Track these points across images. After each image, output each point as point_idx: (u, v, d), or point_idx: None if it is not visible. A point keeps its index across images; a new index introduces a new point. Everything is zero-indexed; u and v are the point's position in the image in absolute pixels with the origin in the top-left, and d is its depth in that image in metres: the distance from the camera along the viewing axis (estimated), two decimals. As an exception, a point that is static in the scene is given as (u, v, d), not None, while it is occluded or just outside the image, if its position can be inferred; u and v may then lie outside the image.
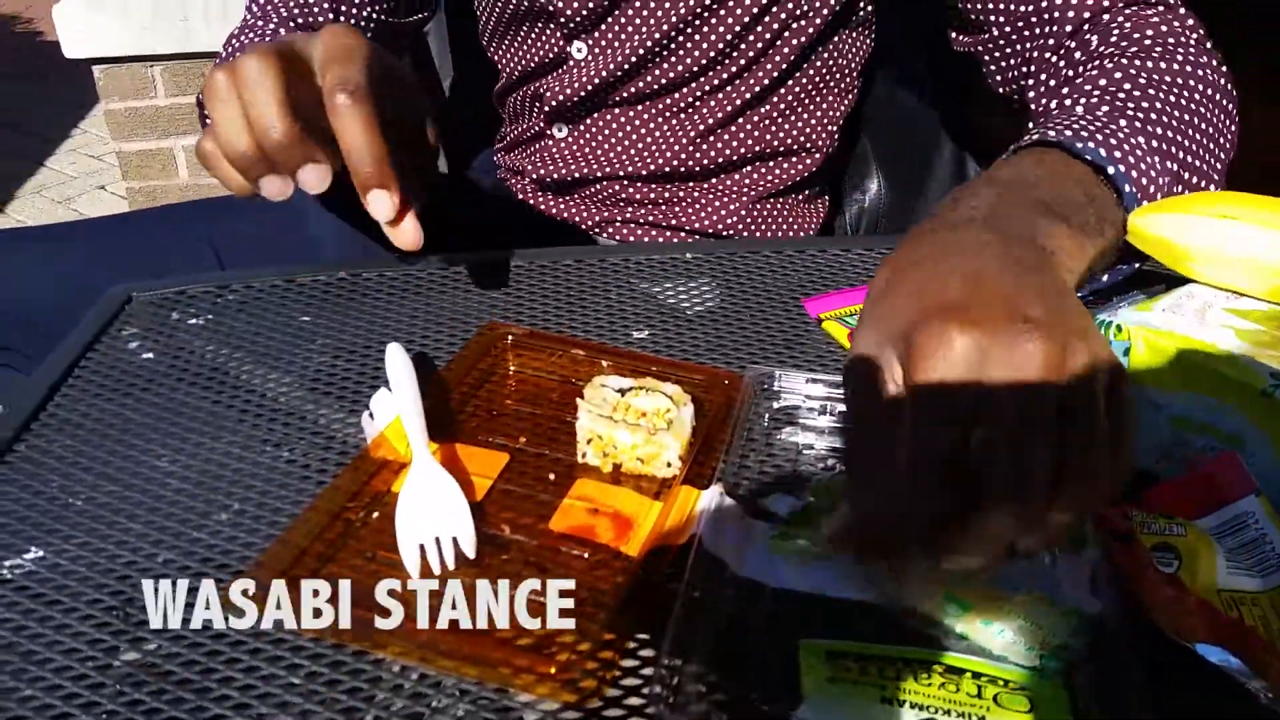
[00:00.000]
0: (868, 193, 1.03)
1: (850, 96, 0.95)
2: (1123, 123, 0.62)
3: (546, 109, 0.91)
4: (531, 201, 0.97)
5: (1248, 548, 0.46)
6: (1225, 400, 0.50)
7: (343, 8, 0.86)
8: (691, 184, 0.92)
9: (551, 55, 0.89)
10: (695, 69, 0.85)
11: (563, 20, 0.86)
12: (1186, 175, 0.64)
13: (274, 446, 0.57)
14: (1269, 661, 0.40)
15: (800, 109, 0.91)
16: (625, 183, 0.92)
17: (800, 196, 0.97)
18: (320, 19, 0.85)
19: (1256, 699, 0.40)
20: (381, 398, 0.56)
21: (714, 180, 0.93)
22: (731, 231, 0.93)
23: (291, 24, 0.85)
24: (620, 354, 0.62)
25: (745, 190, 0.93)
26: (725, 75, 0.86)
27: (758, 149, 0.91)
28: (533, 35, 0.90)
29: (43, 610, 0.47)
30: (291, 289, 0.72)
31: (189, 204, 0.98)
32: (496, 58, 0.96)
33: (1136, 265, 0.62)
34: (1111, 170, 0.59)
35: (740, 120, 0.90)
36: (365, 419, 0.57)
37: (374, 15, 0.88)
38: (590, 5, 0.84)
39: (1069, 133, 0.61)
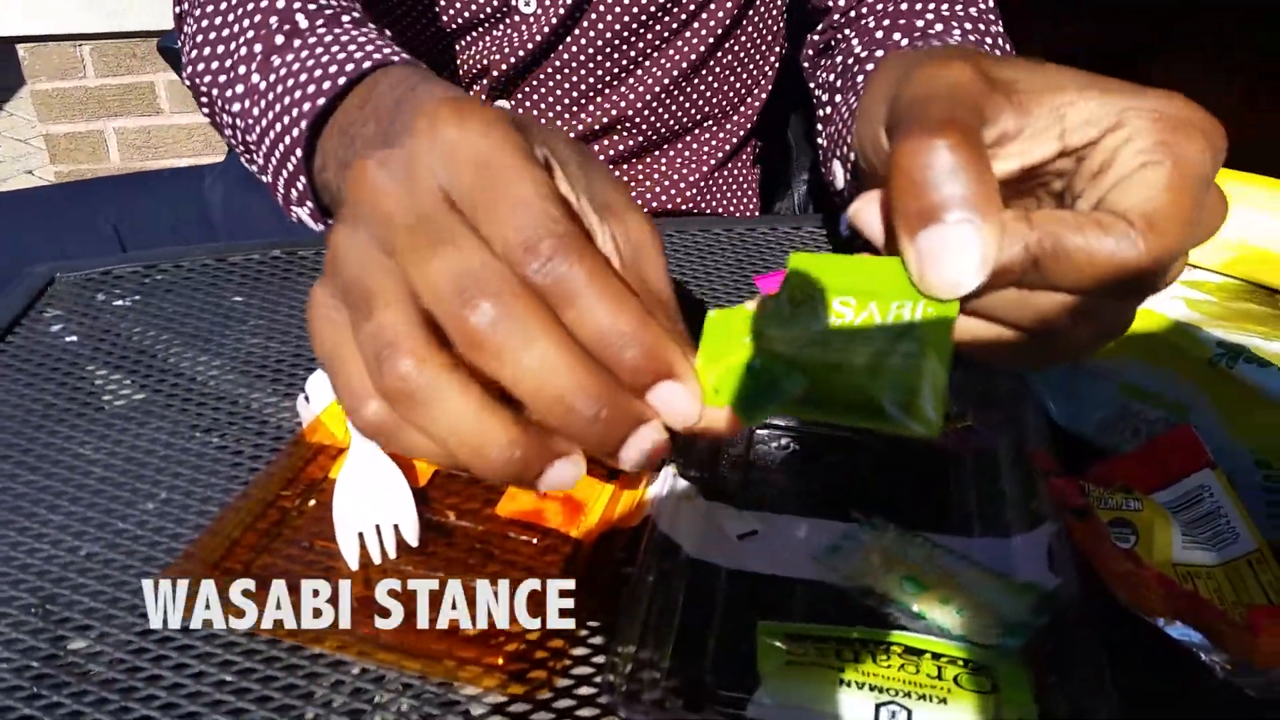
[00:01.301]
0: (815, 171, 1.02)
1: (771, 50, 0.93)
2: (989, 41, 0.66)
3: (487, 79, 0.87)
4: None
5: (1203, 521, 0.46)
6: (1173, 369, 0.50)
7: None
8: (643, 154, 0.90)
9: (489, 10, 0.80)
10: (643, 16, 0.81)
11: None
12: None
13: (204, 432, 0.54)
14: (1227, 634, 0.39)
15: (749, 61, 0.89)
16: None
17: (749, 160, 0.95)
18: None
19: (1215, 672, 0.40)
20: (318, 380, 0.54)
21: (666, 148, 0.91)
22: (688, 205, 0.92)
23: None
24: (567, 333, 0.60)
25: (698, 159, 0.91)
26: (673, 26, 0.83)
27: (708, 109, 0.89)
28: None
29: (-45, 609, 0.44)
30: (223, 268, 0.69)
31: (86, 182, 0.94)
32: (425, 23, 0.90)
33: None
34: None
35: (692, 79, 0.87)
36: (300, 402, 0.54)
37: None
38: None
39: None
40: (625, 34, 0.82)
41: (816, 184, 1.02)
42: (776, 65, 0.93)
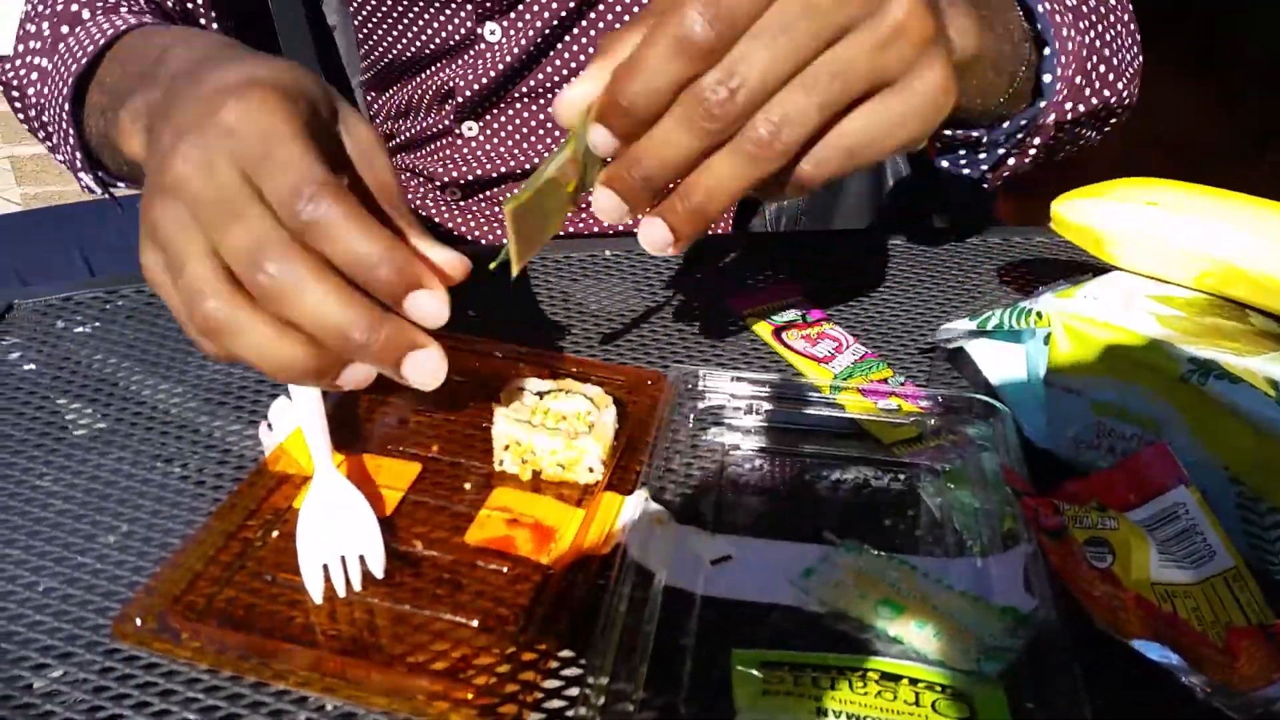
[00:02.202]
0: None
1: None
2: None
3: (455, 102, 0.86)
4: (435, 205, 0.92)
5: (1180, 539, 0.45)
6: (1145, 386, 0.50)
7: None
8: None
9: (458, 38, 0.83)
10: None
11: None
12: (1092, 53, 0.62)
13: (165, 462, 0.53)
14: (1206, 655, 0.39)
15: None
16: None
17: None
18: None
19: (1194, 694, 0.39)
20: (280, 407, 0.53)
21: None
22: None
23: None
24: (538, 356, 0.59)
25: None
26: None
27: None
28: (440, 16, 0.84)
29: (-95, 649, 0.42)
30: (187, 294, 0.67)
31: (55, 209, 0.93)
32: (390, 41, 0.89)
33: (1042, 107, 0.61)
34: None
35: None
36: (263, 430, 0.53)
37: None
38: None
39: None
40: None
41: (788, 201, 1.02)
42: None
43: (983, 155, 0.62)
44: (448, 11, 0.81)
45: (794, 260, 0.74)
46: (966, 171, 0.64)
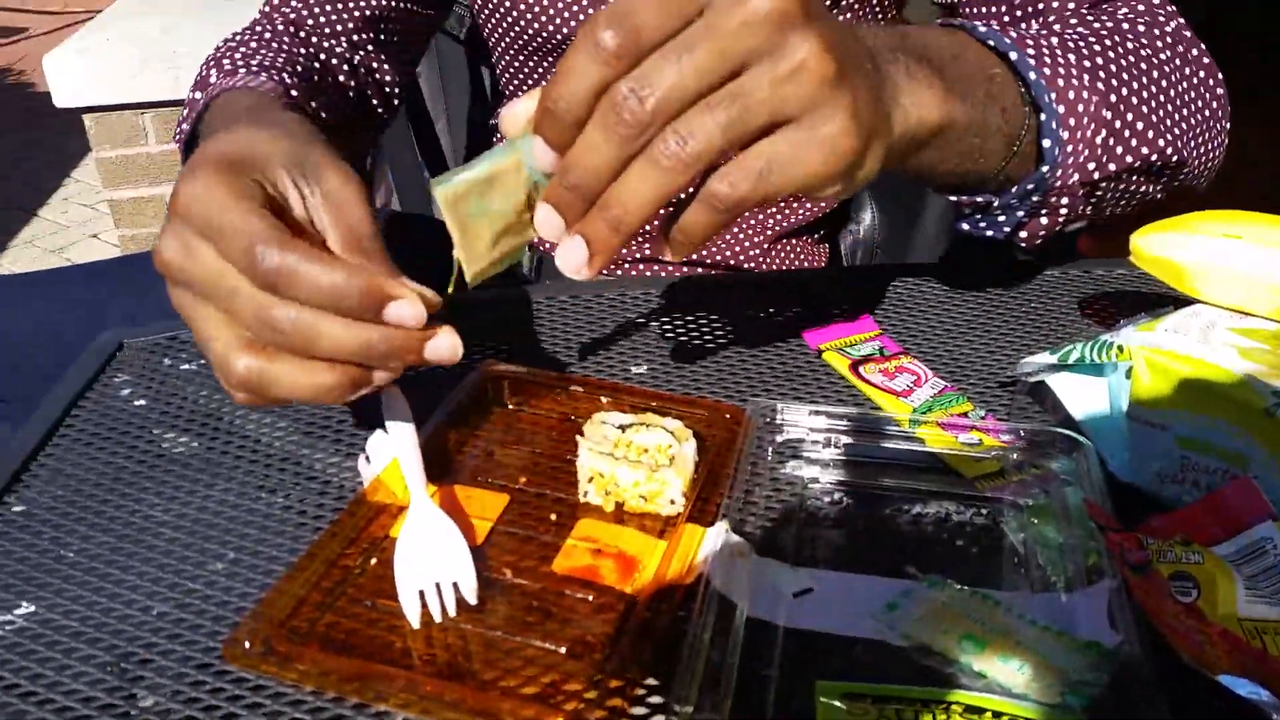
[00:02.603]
0: (862, 224, 1.02)
1: None
2: (1054, 40, 0.61)
3: None
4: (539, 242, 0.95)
5: (1267, 574, 0.45)
6: (1228, 420, 0.50)
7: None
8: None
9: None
10: None
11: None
12: (1122, 109, 0.61)
13: (269, 493, 0.56)
14: (1296, 692, 0.39)
15: None
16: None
17: (815, 235, 0.96)
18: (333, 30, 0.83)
19: (1285, 731, 0.39)
20: (378, 440, 0.55)
21: (743, 218, 0.92)
22: (748, 266, 0.93)
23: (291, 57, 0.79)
24: (620, 389, 0.61)
25: (764, 228, 0.92)
26: None
27: None
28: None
29: (35, 668, 0.45)
30: (285, 332, 0.71)
31: None
32: (509, 91, 0.94)
33: (1044, 172, 0.60)
34: (1014, 56, 0.58)
35: None
36: (361, 462, 0.56)
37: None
38: None
39: (982, 27, 0.59)
40: None
41: (864, 234, 1.02)
42: None
43: (1001, 218, 0.63)
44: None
45: (870, 294, 0.75)
46: (990, 234, 0.64)
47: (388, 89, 0.88)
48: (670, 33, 0.41)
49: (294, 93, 0.70)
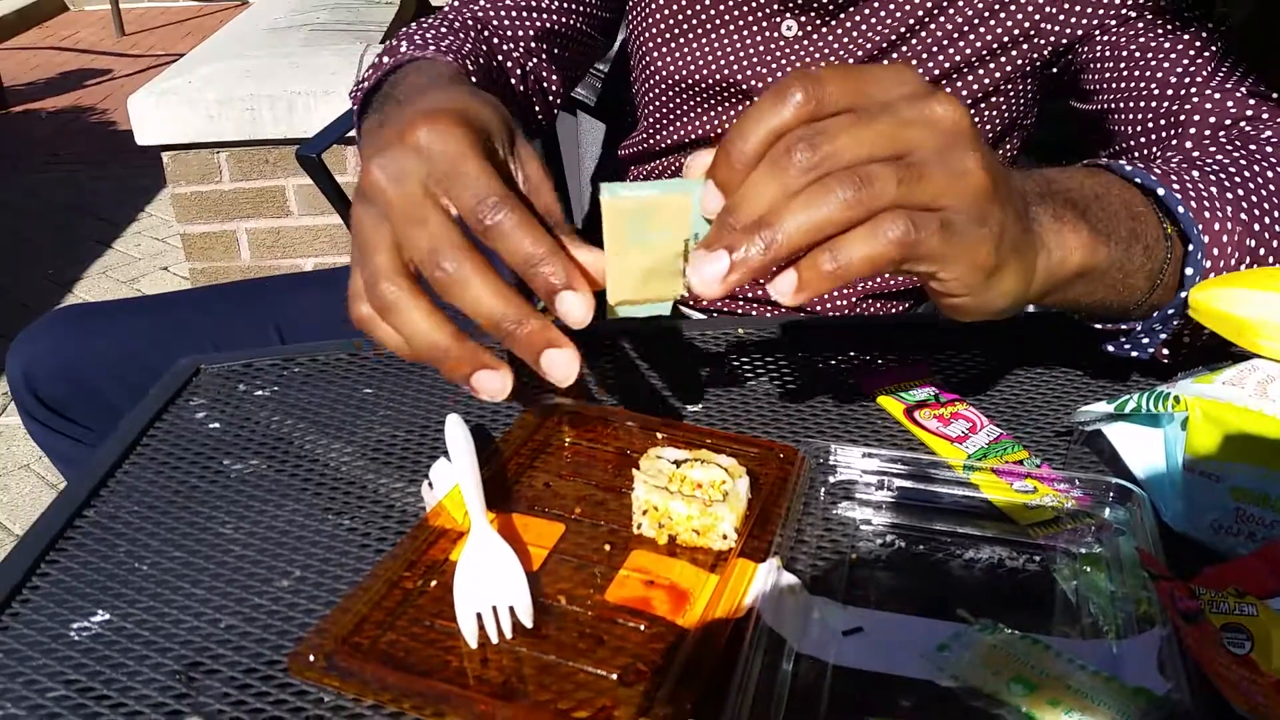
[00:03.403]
0: None
1: None
2: (1195, 174, 0.62)
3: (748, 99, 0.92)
4: None
5: (1324, 629, 0.45)
6: (1286, 475, 0.50)
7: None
8: None
9: (724, 130, 0.89)
10: None
11: (754, 99, 0.86)
12: (1266, 236, 0.62)
13: (335, 515, 0.58)
14: (1352, 747, 0.38)
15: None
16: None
17: (904, 303, 0.97)
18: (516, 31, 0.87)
19: (1340, 787, 0.39)
20: (441, 468, 0.57)
21: None
22: (836, 312, 0.94)
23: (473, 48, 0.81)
24: (675, 426, 0.62)
25: (855, 288, 0.94)
26: None
27: None
28: (710, 110, 0.90)
29: (108, 673, 0.47)
30: (355, 362, 0.73)
31: (251, 282, 1.01)
32: (654, 123, 0.96)
33: (1184, 298, 0.61)
34: (1161, 192, 0.60)
35: None
36: (425, 488, 0.57)
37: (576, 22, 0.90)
38: None
39: (1127, 165, 0.61)
40: None
41: None
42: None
43: (1144, 340, 0.64)
44: (715, 104, 0.89)
45: (927, 341, 0.75)
46: (1134, 355, 0.65)
47: (550, 98, 0.91)
48: (855, 109, 0.43)
49: (474, 79, 0.74)
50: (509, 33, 0.87)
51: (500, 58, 0.86)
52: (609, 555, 0.53)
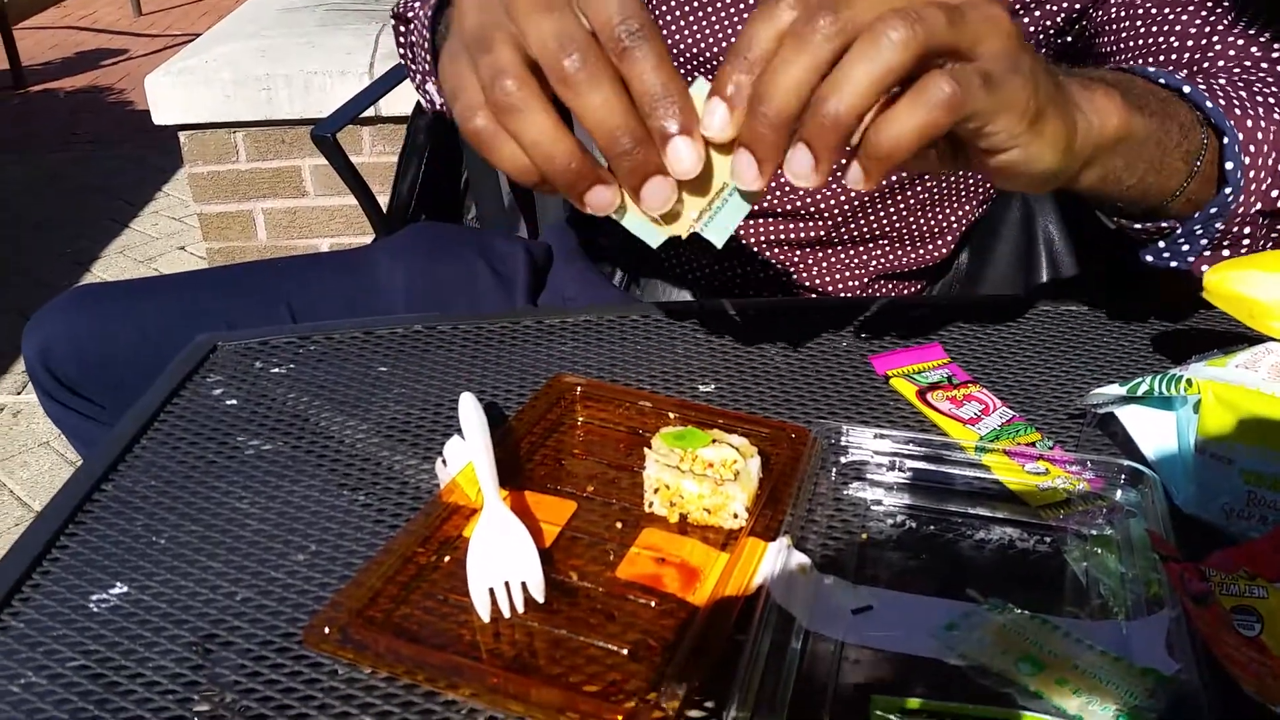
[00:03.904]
0: (958, 267, 1.03)
1: (985, 188, 0.95)
2: (1222, 80, 0.64)
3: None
4: (673, 254, 0.96)
5: (1334, 611, 0.45)
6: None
7: None
8: (829, 250, 0.93)
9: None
10: None
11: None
12: None
13: (350, 491, 0.58)
14: (1359, 728, 0.39)
15: (946, 198, 0.92)
16: (769, 248, 0.92)
17: (918, 283, 0.97)
18: None
19: (1347, 767, 0.39)
20: (454, 445, 0.58)
21: (848, 251, 0.93)
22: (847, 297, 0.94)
23: None
24: (687, 406, 0.63)
25: (867, 268, 0.94)
26: None
27: (897, 227, 0.92)
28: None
29: (126, 644, 0.48)
30: (370, 340, 0.74)
31: (265, 262, 1.01)
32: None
33: (1227, 194, 0.61)
34: (1188, 89, 0.60)
35: (891, 199, 0.90)
36: (438, 465, 0.58)
37: None
38: None
39: (1151, 69, 0.61)
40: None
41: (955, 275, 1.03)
42: (981, 196, 0.96)
43: (1185, 246, 0.64)
44: None
45: (940, 323, 0.75)
46: (1174, 264, 0.65)
47: None
48: None
49: None
50: None
51: None
52: (620, 533, 0.54)
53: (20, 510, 1.97)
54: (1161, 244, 0.65)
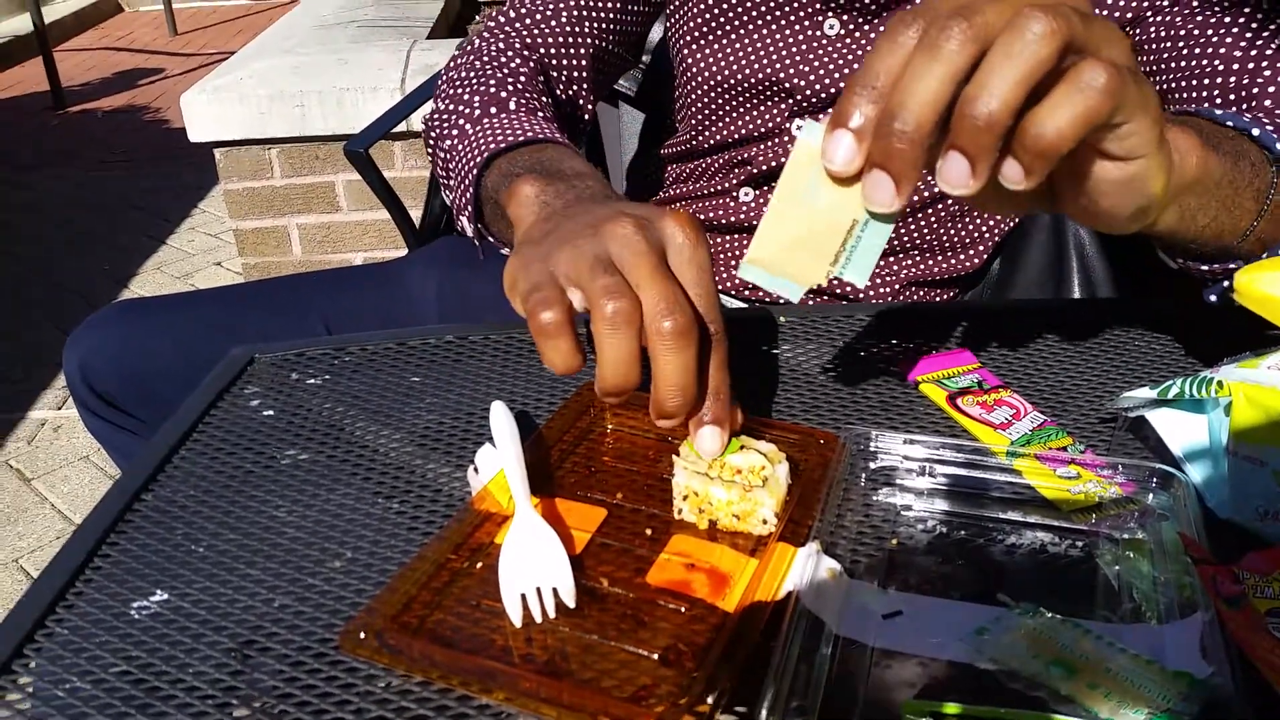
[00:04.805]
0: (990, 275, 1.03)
1: None
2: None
3: (744, 174, 0.93)
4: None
5: (1370, 614, 0.44)
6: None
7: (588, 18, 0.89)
8: None
9: (767, 129, 0.91)
10: None
11: (797, 98, 0.88)
12: None
13: (385, 499, 0.59)
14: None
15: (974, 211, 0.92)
16: None
17: (949, 293, 0.97)
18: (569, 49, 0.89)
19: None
20: (486, 453, 0.58)
21: (882, 260, 0.93)
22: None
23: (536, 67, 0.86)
24: (717, 414, 0.63)
25: (898, 275, 0.94)
26: None
27: (929, 238, 0.92)
28: (753, 110, 0.91)
29: (166, 650, 0.49)
30: (403, 351, 0.75)
31: (300, 276, 1.03)
32: (696, 123, 0.97)
33: None
34: (1256, 132, 0.59)
35: (925, 210, 0.91)
36: (470, 473, 0.59)
37: (608, 42, 0.91)
38: (832, 89, 0.86)
39: (1217, 111, 0.61)
40: None
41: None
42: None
43: None
44: (757, 105, 0.90)
45: (970, 328, 0.75)
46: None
47: (581, 123, 0.94)
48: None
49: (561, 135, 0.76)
50: (556, 61, 0.89)
51: (549, 84, 0.88)
52: (650, 539, 0.54)
53: (62, 524, 2.00)
54: (1227, 283, 0.64)
